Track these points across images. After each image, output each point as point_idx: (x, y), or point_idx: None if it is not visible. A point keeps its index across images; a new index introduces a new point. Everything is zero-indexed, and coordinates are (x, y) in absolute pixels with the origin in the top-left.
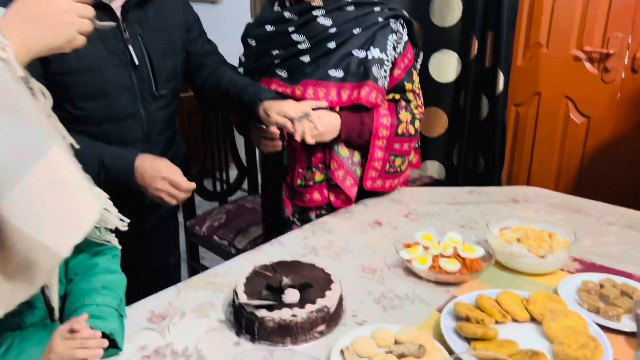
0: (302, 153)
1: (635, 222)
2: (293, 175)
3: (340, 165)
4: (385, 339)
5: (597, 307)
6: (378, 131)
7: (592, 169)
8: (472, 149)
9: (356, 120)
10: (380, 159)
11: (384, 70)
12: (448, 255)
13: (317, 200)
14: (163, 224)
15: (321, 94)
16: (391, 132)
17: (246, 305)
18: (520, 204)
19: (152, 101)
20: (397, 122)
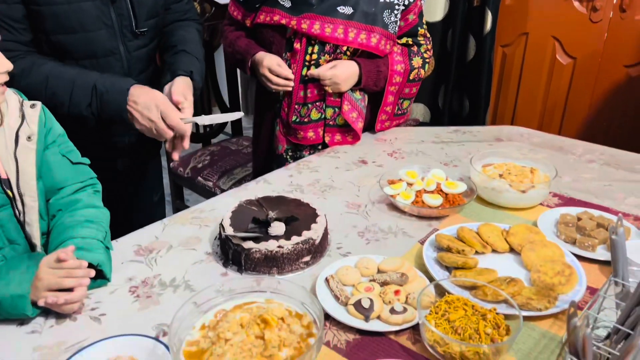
0: (299, 89)
1: (614, 160)
2: (289, 111)
3: (354, 107)
4: (369, 268)
5: (574, 238)
6: (392, 78)
7: (576, 110)
8: (458, 91)
9: (373, 68)
10: (391, 104)
11: (395, 15)
12: (431, 190)
13: (311, 138)
14: (142, 165)
15: (328, 30)
16: (404, 79)
17: (233, 237)
18: (504, 143)
19: (132, 39)
20: (409, 68)
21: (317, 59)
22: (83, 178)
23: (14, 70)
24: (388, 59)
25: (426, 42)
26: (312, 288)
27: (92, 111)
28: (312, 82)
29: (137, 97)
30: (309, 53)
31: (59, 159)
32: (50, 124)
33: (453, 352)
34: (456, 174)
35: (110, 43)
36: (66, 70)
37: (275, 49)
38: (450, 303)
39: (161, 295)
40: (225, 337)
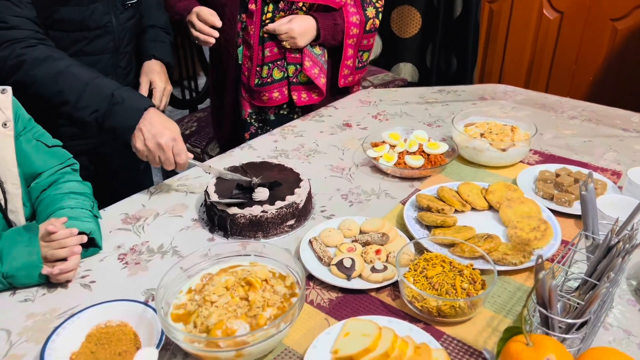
0: (258, 50)
1: (596, 116)
2: (250, 74)
3: (314, 62)
4: (351, 230)
5: (552, 194)
6: (349, 30)
7: (563, 65)
8: (445, 49)
9: (330, 22)
10: (351, 57)
11: None
12: (413, 151)
13: (277, 99)
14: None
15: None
16: (360, 30)
17: (218, 203)
18: (488, 102)
19: (123, 11)
20: (365, 19)
21: (272, 18)
22: (61, 160)
23: (24, 57)
24: (343, 12)
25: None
26: (297, 250)
27: (97, 117)
28: (270, 41)
29: (155, 119)
30: (264, 12)
31: (34, 145)
32: (18, 110)
33: (430, 307)
34: (439, 134)
35: (104, 16)
36: (83, 72)
37: (229, 10)
38: (428, 260)
39: (149, 261)
40: (211, 300)
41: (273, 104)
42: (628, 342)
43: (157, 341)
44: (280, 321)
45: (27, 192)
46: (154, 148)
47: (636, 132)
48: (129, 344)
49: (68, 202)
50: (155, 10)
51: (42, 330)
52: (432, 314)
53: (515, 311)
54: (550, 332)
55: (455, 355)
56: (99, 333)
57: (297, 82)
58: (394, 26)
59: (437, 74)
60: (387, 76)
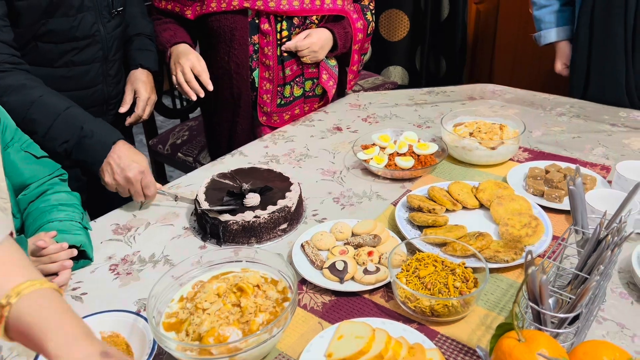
0: (278, 70)
1: (583, 112)
2: (272, 96)
3: (330, 74)
4: (343, 232)
5: (542, 191)
6: (356, 37)
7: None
8: (434, 52)
9: (342, 31)
10: (357, 62)
11: None
12: (403, 153)
13: (298, 114)
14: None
15: (296, 4)
16: (364, 35)
17: (209, 211)
18: (477, 101)
19: (110, 19)
20: (367, 23)
21: (289, 35)
22: (50, 170)
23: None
24: (349, 19)
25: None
26: (289, 255)
27: (66, 148)
28: (289, 59)
29: (123, 153)
30: (278, 31)
31: (22, 156)
32: (5, 121)
33: (423, 307)
34: (428, 135)
35: (92, 25)
36: (56, 102)
37: (239, 34)
38: (420, 260)
39: (141, 271)
40: (203, 307)
41: (293, 120)
42: (621, 335)
43: (149, 351)
44: (273, 326)
45: (16, 203)
46: (122, 181)
47: (624, 126)
48: None
49: (57, 214)
50: (141, 18)
51: None
52: (426, 314)
53: (509, 308)
54: (543, 327)
55: (449, 354)
56: None
57: (312, 96)
58: (382, 30)
59: (426, 76)
60: (377, 80)
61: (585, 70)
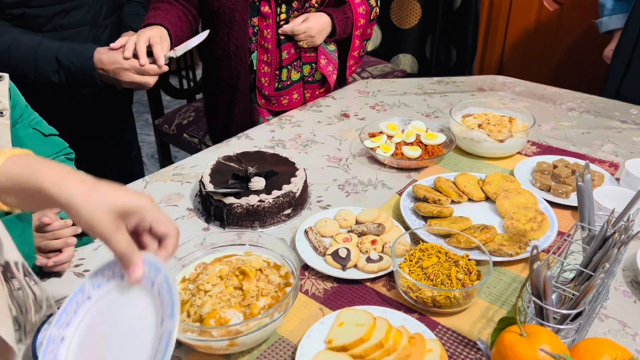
0: (276, 53)
1: (594, 107)
2: (270, 79)
3: (329, 59)
4: (347, 220)
5: (549, 186)
6: (357, 22)
7: (563, 57)
8: (445, 41)
9: (342, 16)
10: (357, 48)
11: None
12: (410, 142)
13: (296, 100)
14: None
15: None
16: (366, 20)
17: (214, 193)
18: (486, 92)
19: None
20: (369, 8)
21: (287, 19)
22: (57, 149)
23: None
24: (351, 4)
25: None
26: (292, 240)
27: (61, 78)
28: (287, 42)
29: (102, 64)
30: (278, 14)
31: (30, 132)
32: (15, 97)
33: (425, 297)
34: (437, 125)
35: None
36: (26, 40)
37: (239, 16)
38: (424, 251)
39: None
40: (205, 289)
41: (292, 106)
42: (623, 333)
43: None
44: (274, 311)
45: None
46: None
47: (634, 124)
48: None
49: None
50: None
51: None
52: (427, 305)
53: (511, 302)
54: (545, 322)
55: (449, 345)
56: None
57: (312, 81)
58: (393, 17)
59: (436, 65)
60: (386, 67)
61: (627, 61)
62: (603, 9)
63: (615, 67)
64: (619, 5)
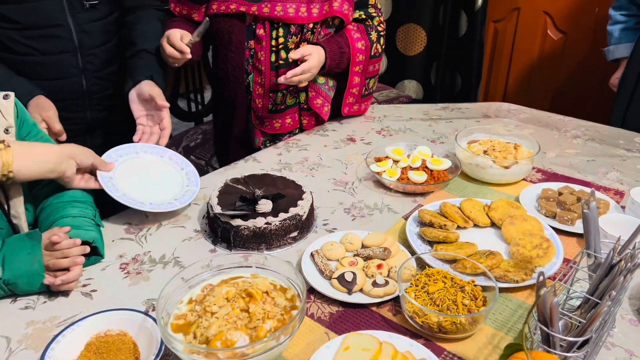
0: (270, 75)
1: (599, 135)
2: (264, 101)
3: (318, 92)
4: (353, 244)
5: (554, 212)
6: (355, 57)
7: (567, 85)
8: (450, 68)
9: (336, 50)
10: (357, 85)
11: None
12: (416, 167)
13: (289, 125)
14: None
15: (291, 11)
16: (366, 56)
17: (221, 215)
18: (491, 119)
19: (82, 11)
20: (370, 44)
21: (285, 42)
22: None
23: None
24: (348, 39)
25: (378, 14)
26: (299, 263)
27: None
28: (283, 67)
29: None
30: (274, 38)
31: None
32: (22, 115)
33: (431, 323)
34: (442, 150)
35: (56, 15)
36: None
37: (236, 37)
38: (430, 276)
39: (151, 271)
40: (212, 311)
41: (285, 130)
42: None
43: (156, 351)
44: (280, 334)
45: (29, 197)
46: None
47: (639, 152)
48: (128, 353)
49: (70, 210)
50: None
51: (42, 338)
52: (433, 330)
53: (517, 329)
54: (552, 350)
55: None
56: (99, 342)
57: (308, 108)
58: (399, 44)
59: (441, 92)
60: (392, 93)
61: (632, 89)
62: (610, 37)
63: (621, 95)
64: (625, 35)
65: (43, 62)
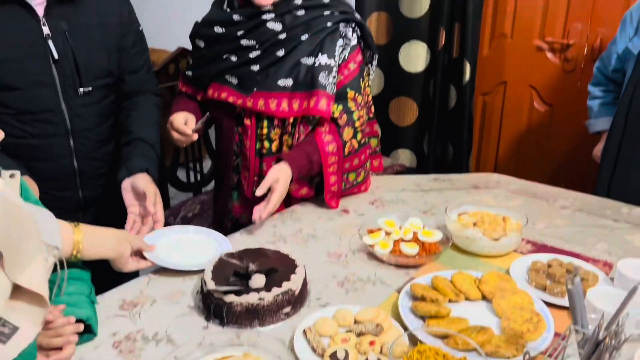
0: (255, 161)
1: (586, 206)
2: (248, 184)
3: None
4: (346, 319)
5: (544, 285)
6: (327, 160)
7: (556, 155)
8: (442, 138)
9: (304, 160)
10: (335, 183)
11: (332, 76)
12: (408, 239)
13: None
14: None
15: (273, 106)
16: (339, 157)
17: (214, 291)
18: (481, 190)
19: (75, 97)
20: (342, 143)
21: (269, 133)
22: None
23: None
24: (318, 145)
25: (358, 108)
26: (291, 340)
27: None
28: (268, 156)
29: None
30: (260, 127)
31: None
32: (27, 194)
33: None
34: (433, 222)
35: (50, 100)
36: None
37: (227, 124)
38: (422, 352)
39: (143, 349)
40: None
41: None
42: None
43: None
44: None
45: None
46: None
47: (626, 222)
48: None
49: (67, 287)
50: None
51: None
52: None
53: None
54: None
55: None
56: None
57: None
58: (392, 115)
59: (434, 161)
60: (386, 162)
61: (614, 160)
62: (591, 111)
63: (604, 166)
64: (604, 109)
65: (35, 144)
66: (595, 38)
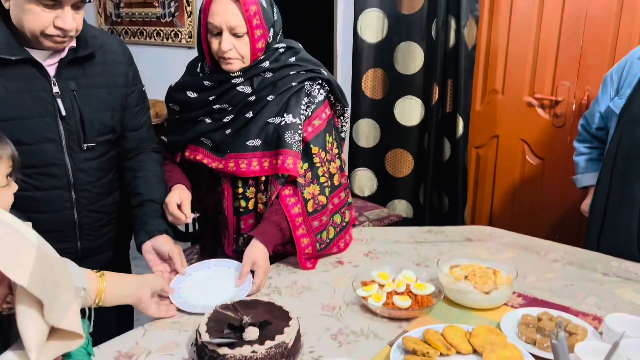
0: (233, 220)
1: (577, 259)
2: (228, 241)
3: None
4: None
5: (534, 339)
6: (295, 223)
7: (549, 208)
8: (437, 189)
9: (274, 230)
10: (308, 245)
11: (298, 134)
12: (401, 292)
13: None
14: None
15: (243, 166)
16: (304, 216)
17: (208, 343)
18: (474, 243)
19: (79, 152)
20: (304, 203)
21: (244, 192)
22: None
23: None
24: (283, 209)
25: (322, 163)
26: None
27: None
28: (245, 215)
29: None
30: (236, 186)
31: None
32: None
33: None
34: (426, 274)
35: (55, 155)
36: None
37: (205, 183)
38: None
39: None
40: None
41: None
42: None
43: None
44: None
45: None
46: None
47: (616, 276)
48: None
49: None
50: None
51: None
52: None
53: None
54: None
55: None
56: None
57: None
58: (388, 167)
59: (430, 211)
60: (383, 212)
61: (602, 216)
62: (577, 167)
63: (593, 220)
64: (590, 165)
65: (37, 197)
66: (583, 95)
